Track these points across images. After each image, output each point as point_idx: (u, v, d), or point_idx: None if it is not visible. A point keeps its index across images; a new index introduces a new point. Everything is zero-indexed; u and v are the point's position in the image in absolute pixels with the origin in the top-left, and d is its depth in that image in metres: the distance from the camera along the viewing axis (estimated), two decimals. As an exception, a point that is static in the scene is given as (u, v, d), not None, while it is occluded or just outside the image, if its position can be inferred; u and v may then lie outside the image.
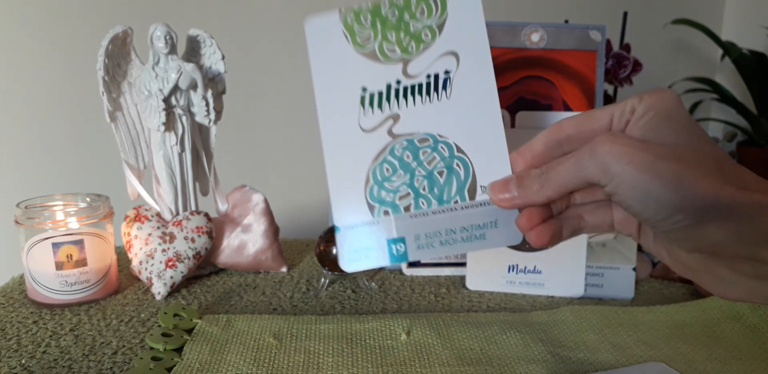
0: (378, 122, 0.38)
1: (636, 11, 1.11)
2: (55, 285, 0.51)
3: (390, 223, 0.37)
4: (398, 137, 0.38)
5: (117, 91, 0.58)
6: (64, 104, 1.20)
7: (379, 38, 0.38)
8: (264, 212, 0.61)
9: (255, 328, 0.47)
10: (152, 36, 0.55)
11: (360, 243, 0.37)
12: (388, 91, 0.38)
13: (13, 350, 0.44)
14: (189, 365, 0.41)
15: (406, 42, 0.38)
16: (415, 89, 0.38)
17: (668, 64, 1.40)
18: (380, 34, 0.38)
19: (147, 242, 0.56)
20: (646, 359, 0.43)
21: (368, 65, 0.38)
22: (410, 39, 0.38)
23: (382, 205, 0.37)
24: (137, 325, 0.49)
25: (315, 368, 0.41)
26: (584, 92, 0.62)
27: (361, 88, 0.38)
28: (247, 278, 0.60)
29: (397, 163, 0.38)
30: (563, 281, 0.55)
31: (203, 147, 0.61)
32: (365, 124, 0.38)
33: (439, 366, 0.42)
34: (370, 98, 0.38)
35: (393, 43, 0.38)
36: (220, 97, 0.60)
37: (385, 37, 0.38)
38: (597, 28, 0.62)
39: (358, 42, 0.38)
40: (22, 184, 1.21)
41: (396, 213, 0.37)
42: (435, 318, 0.49)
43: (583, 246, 0.55)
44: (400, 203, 0.37)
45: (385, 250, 0.37)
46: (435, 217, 0.37)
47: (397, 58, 0.38)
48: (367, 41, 0.38)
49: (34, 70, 1.18)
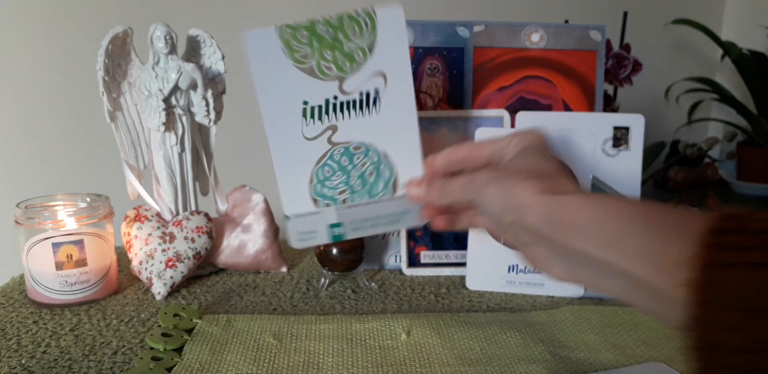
0: (319, 132, 0.44)
1: (636, 11, 1.11)
2: (55, 285, 0.52)
3: (331, 212, 0.46)
4: (337, 145, 0.45)
5: (117, 91, 0.58)
6: (65, 104, 1.20)
7: (316, 56, 0.43)
8: (264, 212, 0.61)
9: (255, 328, 0.47)
10: (152, 36, 0.55)
11: (306, 227, 0.46)
12: (327, 105, 0.44)
13: (13, 350, 0.45)
14: (189, 365, 0.41)
15: (340, 61, 0.43)
16: (350, 104, 0.44)
17: (668, 64, 1.40)
18: (317, 52, 0.43)
19: (147, 242, 0.56)
20: (646, 359, 0.43)
21: (308, 81, 0.43)
22: (344, 58, 0.43)
23: (324, 199, 0.46)
24: (137, 325, 0.49)
25: (315, 368, 0.41)
26: (584, 92, 0.62)
27: (303, 102, 0.44)
28: (247, 278, 0.60)
29: (336, 166, 0.45)
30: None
31: (203, 147, 0.61)
32: (308, 133, 0.44)
33: (440, 366, 0.42)
34: (311, 111, 0.44)
35: (330, 62, 0.43)
36: (220, 97, 0.60)
37: (322, 55, 0.43)
38: (597, 28, 0.62)
39: (297, 58, 0.43)
40: (22, 184, 1.21)
41: (336, 204, 0.46)
42: (435, 318, 0.49)
43: (583, 246, 0.55)
44: (339, 197, 0.46)
45: (326, 232, 0.46)
46: (366, 207, 0.46)
47: (333, 76, 0.43)
48: (306, 58, 0.43)
49: (35, 70, 1.18)
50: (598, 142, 0.57)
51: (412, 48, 0.61)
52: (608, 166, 0.57)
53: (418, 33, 0.61)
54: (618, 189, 0.57)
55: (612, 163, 0.57)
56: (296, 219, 0.46)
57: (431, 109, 0.62)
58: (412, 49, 0.61)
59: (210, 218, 0.60)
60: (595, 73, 0.62)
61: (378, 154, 0.46)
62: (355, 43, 0.43)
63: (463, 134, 0.59)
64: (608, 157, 0.57)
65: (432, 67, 0.61)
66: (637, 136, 0.57)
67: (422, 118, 0.59)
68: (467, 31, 0.61)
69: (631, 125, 0.57)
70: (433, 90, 0.61)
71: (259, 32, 0.42)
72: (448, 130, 0.59)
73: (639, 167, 0.57)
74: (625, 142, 0.57)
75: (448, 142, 0.59)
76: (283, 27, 0.42)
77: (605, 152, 0.57)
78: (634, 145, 0.57)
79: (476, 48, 0.61)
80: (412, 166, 0.46)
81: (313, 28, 0.42)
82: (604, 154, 0.57)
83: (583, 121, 0.57)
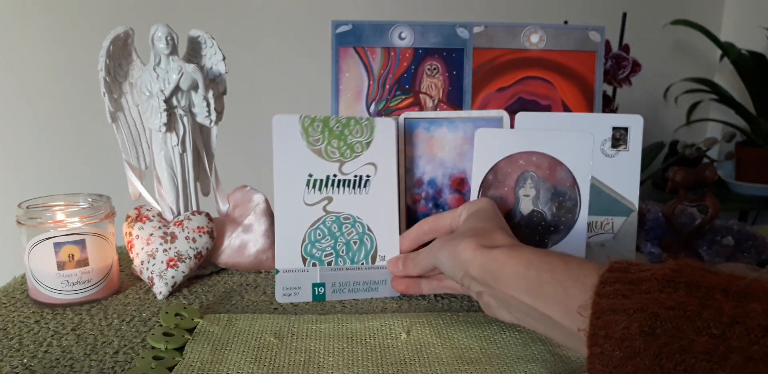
0: (317, 200, 0.54)
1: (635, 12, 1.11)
2: (56, 285, 0.52)
3: (316, 272, 0.54)
4: (330, 213, 0.54)
5: (118, 91, 0.58)
6: (66, 105, 1.20)
7: (325, 142, 0.54)
8: (265, 212, 0.61)
9: (256, 327, 0.47)
10: (153, 37, 0.55)
11: (292, 283, 0.53)
12: (327, 180, 0.54)
13: (14, 349, 0.45)
14: (190, 364, 0.42)
15: (343, 150, 0.54)
16: (346, 182, 0.54)
17: (667, 65, 1.40)
18: (327, 140, 0.54)
19: (148, 242, 0.57)
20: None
21: (316, 159, 0.54)
22: (346, 148, 0.54)
23: (312, 259, 0.54)
24: (139, 325, 0.49)
25: (316, 367, 0.42)
26: (583, 93, 0.62)
27: (308, 174, 0.54)
28: (248, 278, 0.60)
29: (326, 231, 0.54)
30: (562, 281, 0.56)
31: (204, 147, 0.61)
32: (308, 200, 0.54)
33: (439, 365, 0.42)
34: (314, 182, 0.54)
35: (335, 148, 0.54)
36: (221, 97, 0.60)
37: (330, 142, 0.54)
38: (596, 29, 0.62)
39: (311, 141, 0.54)
40: (23, 185, 1.22)
41: (321, 265, 0.54)
42: (435, 317, 0.49)
43: (582, 246, 0.55)
44: (325, 259, 0.54)
45: (309, 290, 0.53)
46: (347, 272, 0.54)
47: (336, 159, 0.54)
48: (317, 142, 0.54)
49: (36, 71, 1.19)
50: (597, 142, 0.57)
51: (413, 49, 0.61)
52: (607, 166, 0.57)
53: (418, 34, 0.61)
54: (617, 190, 0.57)
55: (611, 163, 0.57)
56: (284, 274, 0.53)
57: (431, 109, 0.62)
58: (412, 49, 0.61)
59: (211, 218, 0.60)
60: (594, 73, 0.62)
61: (363, 226, 0.54)
62: (356, 138, 0.54)
63: (463, 134, 0.59)
64: (607, 157, 0.57)
65: (432, 68, 0.61)
66: (636, 137, 0.57)
67: (422, 119, 0.59)
68: (467, 32, 0.61)
69: (630, 126, 0.57)
70: (432, 90, 0.61)
71: (286, 117, 0.54)
72: (448, 131, 0.59)
73: (638, 167, 0.57)
74: (623, 142, 0.57)
75: (447, 142, 0.59)
76: (305, 117, 0.54)
77: (604, 152, 0.57)
78: (633, 146, 0.57)
79: (476, 49, 0.61)
80: (390, 241, 0.55)
81: (327, 122, 0.54)
82: (603, 154, 0.57)
83: (582, 121, 0.58)
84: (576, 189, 0.55)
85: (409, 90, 0.61)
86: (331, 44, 0.61)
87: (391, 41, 0.61)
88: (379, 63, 0.61)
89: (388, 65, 0.61)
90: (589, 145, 0.56)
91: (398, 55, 0.61)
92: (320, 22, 1.10)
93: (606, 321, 0.31)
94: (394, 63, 0.61)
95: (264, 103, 1.26)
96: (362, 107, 0.61)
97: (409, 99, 0.61)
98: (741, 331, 0.27)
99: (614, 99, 0.90)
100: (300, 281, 0.53)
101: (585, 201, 0.55)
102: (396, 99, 0.61)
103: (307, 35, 1.22)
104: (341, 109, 0.61)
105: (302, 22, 1.21)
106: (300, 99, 1.26)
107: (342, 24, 0.61)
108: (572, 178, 0.56)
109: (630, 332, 0.29)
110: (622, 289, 0.31)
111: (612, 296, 0.31)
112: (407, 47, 0.61)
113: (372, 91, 0.61)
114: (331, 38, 0.61)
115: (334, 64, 0.61)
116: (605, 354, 0.30)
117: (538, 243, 0.56)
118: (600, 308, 0.31)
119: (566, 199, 0.55)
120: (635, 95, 1.11)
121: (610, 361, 0.30)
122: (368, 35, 0.60)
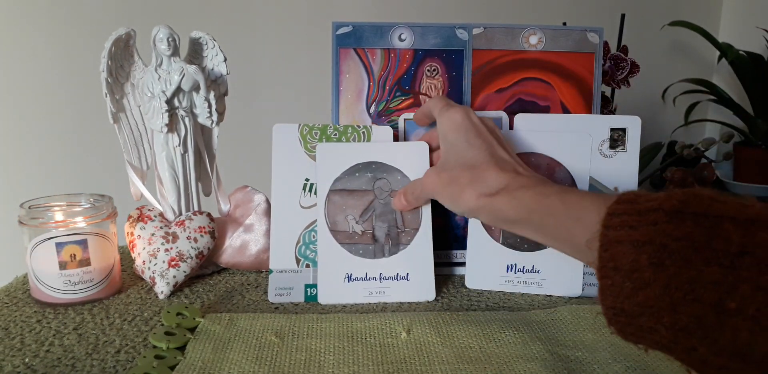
0: (312, 203, 0.55)
1: (633, 13, 1.12)
2: (58, 285, 0.52)
3: (309, 273, 0.54)
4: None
5: (120, 92, 0.59)
6: (68, 105, 1.21)
7: None
8: (266, 212, 0.62)
9: (257, 327, 0.47)
10: (155, 38, 0.55)
11: (285, 284, 0.54)
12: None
13: (16, 349, 0.45)
14: (192, 363, 0.42)
15: None
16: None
17: (665, 66, 1.41)
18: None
19: (150, 242, 0.57)
20: (642, 358, 0.43)
21: (313, 164, 0.55)
22: None
23: (306, 260, 0.55)
24: (140, 324, 0.49)
25: (316, 366, 0.42)
26: (582, 94, 0.63)
27: (305, 179, 0.55)
28: (249, 277, 0.61)
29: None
30: (561, 280, 0.56)
31: (206, 148, 0.61)
32: (304, 203, 0.55)
33: (439, 364, 0.42)
34: (310, 186, 0.55)
35: None
36: (222, 98, 0.60)
37: None
38: (595, 30, 0.62)
39: (309, 148, 0.56)
40: (25, 185, 1.22)
41: (314, 267, 0.55)
42: (435, 316, 0.49)
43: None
44: (318, 260, 0.54)
45: (302, 291, 0.54)
46: None
47: None
48: (314, 149, 0.55)
49: (38, 72, 1.19)
50: (596, 143, 0.57)
51: (413, 50, 0.61)
52: (605, 167, 0.57)
53: (418, 35, 0.61)
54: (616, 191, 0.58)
55: (609, 164, 0.57)
56: (278, 274, 0.54)
57: (431, 110, 0.63)
58: (412, 50, 0.61)
59: (212, 218, 0.60)
60: (592, 74, 0.63)
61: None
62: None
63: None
64: (605, 158, 0.57)
65: (431, 69, 0.62)
66: (634, 138, 0.57)
67: (422, 120, 0.59)
68: (466, 34, 0.62)
69: (628, 126, 0.57)
70: (432, 91, 0.62)
71: (286, 126, 0.56)
72: (448, 132, 0.60)
73: (636, 168, 0.58)
74: (622, 143, 0.57)
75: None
76: (303, 125, 0.56)
77: (602, 153, 0.57)
78: (631, 146, 0.57)
79: (475, 50, 0.62)
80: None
81: (325, 129, 0.56)
82: (602, 155, 0.57)
83: (580, 122, 0.58)
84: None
85: (409, 91, 0.62)
86: (331, 45, 0.61)
87: (391, 42, 0.61)
88: (379, 64, 0.61)
89: (388, 66, 0.61)
90: (587, 145, 0.57)
91: (398, 57, 0.61)
92: (321, 24, 1.10)
93: (614, 252, 0.31)
94: (394, 64, 0.61)
95: (265, 104, 1.26)
96: (362, 108, 0.61)
97: (409, 100, 0.62)
98: (750, 261, 0.27)
99: (613, 100, 0.90)
100: (293, 282, 0.54)
101: (584, 201, 0.55)
102: (396, 100, 0.62)
103: (307, 37, 1.22)
104: (341, 110, 0.61)
105: (303, 24, 1.22)
106: (300, 100, 1.27)
107: (342, 25, 0.61)
108: (571, 179, 0.57)
109: (639, 264, 0.30)
110: (629, 220, 0.31)
111: (619, 227, 0.31)
112: (407, 48, 0.61)
113: (372, 92, 0.61)
114: (332, 39, 0.61)
115: (334, 65, 0.61)
116: (615, 285, 0.31)
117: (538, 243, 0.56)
118: (607, 239, 0.32)
119: (565, 200, 0.56)
120: (634, 96, 1.11)
121: (621, 292, 0.30)
122: (368, 36, 0.61)
